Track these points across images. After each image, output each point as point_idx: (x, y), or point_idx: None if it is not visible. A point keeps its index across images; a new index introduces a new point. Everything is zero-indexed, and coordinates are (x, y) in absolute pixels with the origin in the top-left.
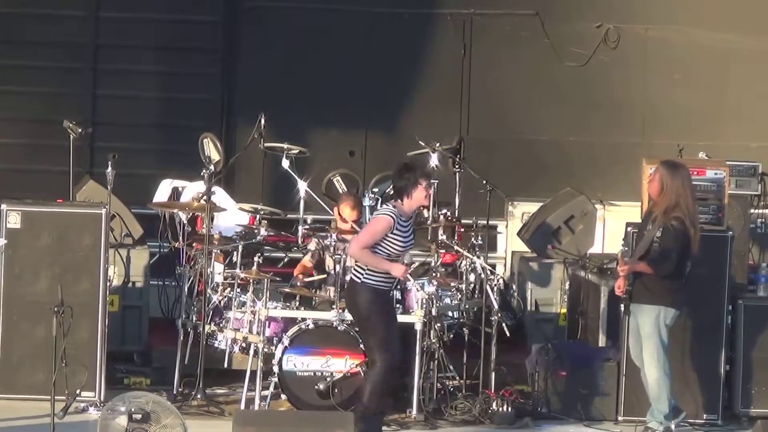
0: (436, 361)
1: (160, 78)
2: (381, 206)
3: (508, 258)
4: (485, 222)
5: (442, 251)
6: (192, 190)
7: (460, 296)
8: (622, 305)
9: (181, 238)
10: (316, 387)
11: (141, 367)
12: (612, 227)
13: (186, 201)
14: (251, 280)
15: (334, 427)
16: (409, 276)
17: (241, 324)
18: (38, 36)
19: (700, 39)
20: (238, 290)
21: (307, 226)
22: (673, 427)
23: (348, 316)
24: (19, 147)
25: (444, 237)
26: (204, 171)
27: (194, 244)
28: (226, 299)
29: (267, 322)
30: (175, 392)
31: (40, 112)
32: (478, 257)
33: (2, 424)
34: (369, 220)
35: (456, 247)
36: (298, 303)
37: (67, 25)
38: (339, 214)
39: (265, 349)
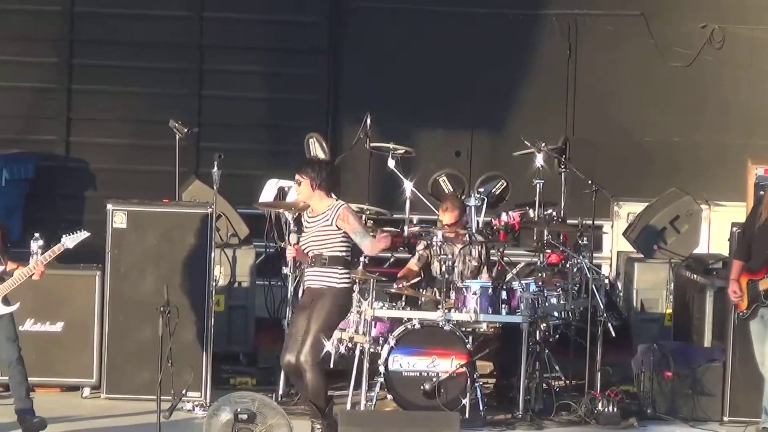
0: (541, 362)
1: (265, 78)
2: (337, 201)
3: (613, 258)
4: (591, 222)
5: (548, 251)
6: None
7: (565, 296)
8: (738, 310)
9: (287, 238)
10: (421, 387)
11: (247, 367)
12: (717, 227)
13: (292, 201)
14: (357, 280)
15: (440, 428)
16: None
17: (347, 324)
18: (144, 37)
19: None
20: None
21: (414, 227)
22: None
23: (454, 317)
24: (125, 147)
25: (550, 237)
26: None
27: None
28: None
29: (373, 323)
30: (281, 392)
31: (146, 112)
32: (584, 257)
33: (109, 423)
34: (471, 220)
35: (562, 248)
36: (403, 303)
37: (173, 26)
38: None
39: (371, 350)
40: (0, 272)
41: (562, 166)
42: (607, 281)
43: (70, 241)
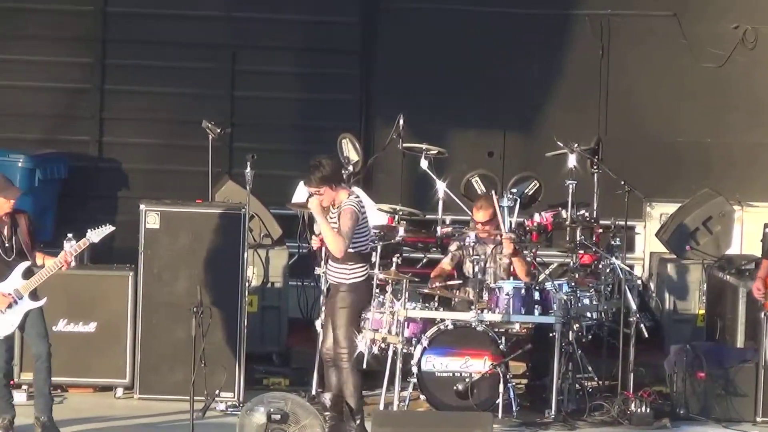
0: (574, 362)
1: (298, 78)
2: (349, 198)
3: (646, 259)
4: (623, 223)
5: (581, 252)
6: None
7: (598, 297)
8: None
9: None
10: (455, 388)
11: (280, 367)
12: (750, 228)
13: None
14: (390, 281)
15: (473, 428)
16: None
17: (380, 324)
18: (177, 37)
19: None
20: (377, 291)
21: (447, 227)
22: None
23: (487, 317)
24: (158, 147)
25: (582, 238)
26: (343, 171)
27: None
28: None
29: (406, 323)
30: (313, 393)
31: (179, 112)
32: (617, 258)
33: (142, 422)
34: (504, 220)
35: (594, 248)
36: (436, 303)
37: (206, 26)
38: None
39: (404, 350)
40: (29, 266)
41: (595, 167)
42: (639, 282)
43: (95, 235)
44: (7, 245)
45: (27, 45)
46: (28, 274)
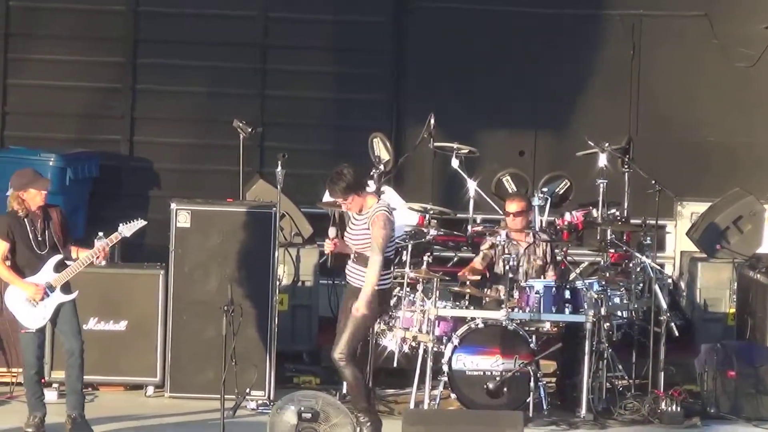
0: (605, 361)
1: (329, 78)
2: (380, 203)
3: (676, 258)
4: (654, 222)
5: (611, 251)
6: None
7: (628, 296)
8: None
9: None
10: (485, 386)
11: (310, 366)
12: None
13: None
14: (421, 280)
15: (504, 427)
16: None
17: (411, 323)
18: (208, 36)
19: None
20: (408, 289)
21: (478, 226)
22: None
23: (518, 316)
24: (189, 146)
25: (613, 237)
26: (374, 170)
27: None
28: (395, 298)
29: (436, 322)
30: (344, 391)
31: (210, 112)
32: (647, 257)
33: (173, 420)
34: (535, 219)
35: (625, 247)
36: (467, 302)
37: (237, 25)
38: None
39: (435, 349)
40: (61, 259)
41: (626, 166)
42: (670, 281)
43: (126, 229)
44: (39, 238)
45: (59, 45)
46: (60, 267)
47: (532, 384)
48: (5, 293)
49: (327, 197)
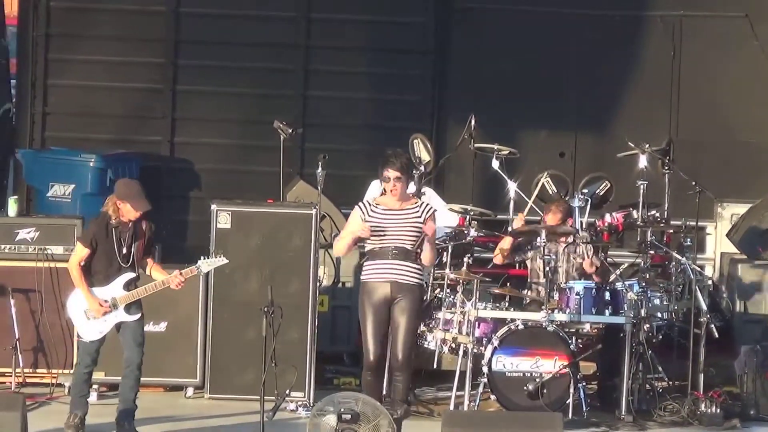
0: (644, 362)
1: (370, 79)
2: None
3: (717, 259)
4: (694, 223)
5: (652, 252)
6: None
7: (668, 297)
8: None
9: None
10: (525, 388)
11: (350, 367)
12: None
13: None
14: (461, 281)
15: (543, 428)
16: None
17: (451, 324)
18: (249, 37)
19: None
20: (448, 291)
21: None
22: None
23: (558, 317)
24: (229, 147)
25: (653, 238)
26: (414, 171)
27: None
28: (435, 300)
29: (476, 323)
30: (384, 393)
31: (251, 112)
32: (687, 258)
33: (212, 423)
34: (575, 221)
35: (665, 249)
36: (507, 303)
37: (278, 26)
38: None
39: (475, 350)
40: (133, 278)
41: (666, 167)
42: (710, 282)
43: (206, 265)
44: (123, 252)
45: (99, 45)
46: (129, 285)
47: (571, 385)
48: (70, 295)
49: (367, 198)
